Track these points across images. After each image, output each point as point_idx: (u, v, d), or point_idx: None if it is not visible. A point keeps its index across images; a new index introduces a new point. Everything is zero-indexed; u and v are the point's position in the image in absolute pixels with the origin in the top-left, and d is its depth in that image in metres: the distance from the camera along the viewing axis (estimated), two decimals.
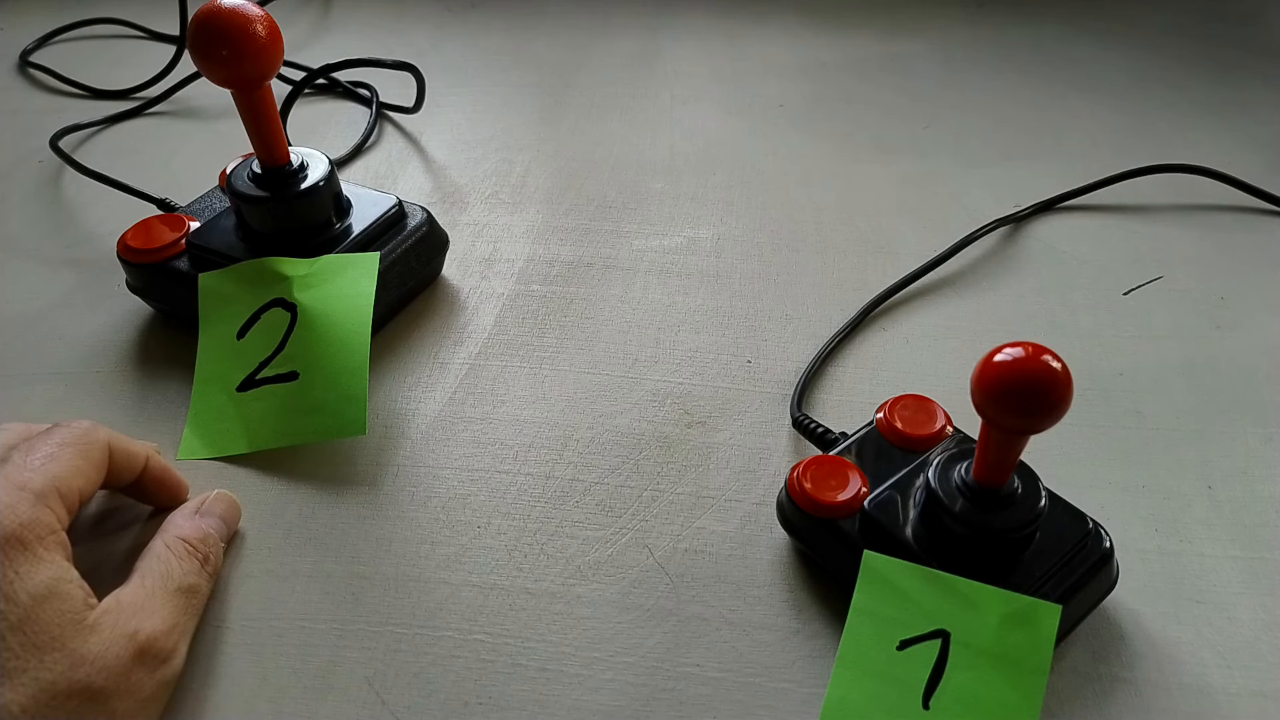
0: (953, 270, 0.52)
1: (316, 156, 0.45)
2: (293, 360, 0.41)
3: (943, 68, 0.73)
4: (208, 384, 0.42)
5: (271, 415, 0.41)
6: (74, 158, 0.58)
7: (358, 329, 0.41)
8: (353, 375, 0.40)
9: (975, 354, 0.31)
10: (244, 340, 0.42)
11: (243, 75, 0.39)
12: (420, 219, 0.48)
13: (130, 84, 0.68)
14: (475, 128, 0.66)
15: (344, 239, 0.45)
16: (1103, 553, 0.33)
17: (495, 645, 0.34)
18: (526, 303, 0.50)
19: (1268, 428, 0.42)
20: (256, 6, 0.39)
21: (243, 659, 0.33)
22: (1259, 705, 0.32)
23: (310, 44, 0.78)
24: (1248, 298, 0.50)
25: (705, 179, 0.60)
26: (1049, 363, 0.27)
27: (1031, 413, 0.28)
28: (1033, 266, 0.52)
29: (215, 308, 0.42)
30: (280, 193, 0.43)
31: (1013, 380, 0.27)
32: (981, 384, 0.28)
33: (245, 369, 0.41)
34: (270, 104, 0.41)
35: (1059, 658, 0.33)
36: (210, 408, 0.41)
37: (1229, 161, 0.59)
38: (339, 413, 0.40)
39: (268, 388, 0.41)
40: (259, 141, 0.43)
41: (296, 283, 0.42)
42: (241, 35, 0.38)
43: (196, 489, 0.39)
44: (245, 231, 0.45)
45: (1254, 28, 0.79)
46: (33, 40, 0.75)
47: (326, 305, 0.41)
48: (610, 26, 0.80)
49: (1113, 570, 0.34)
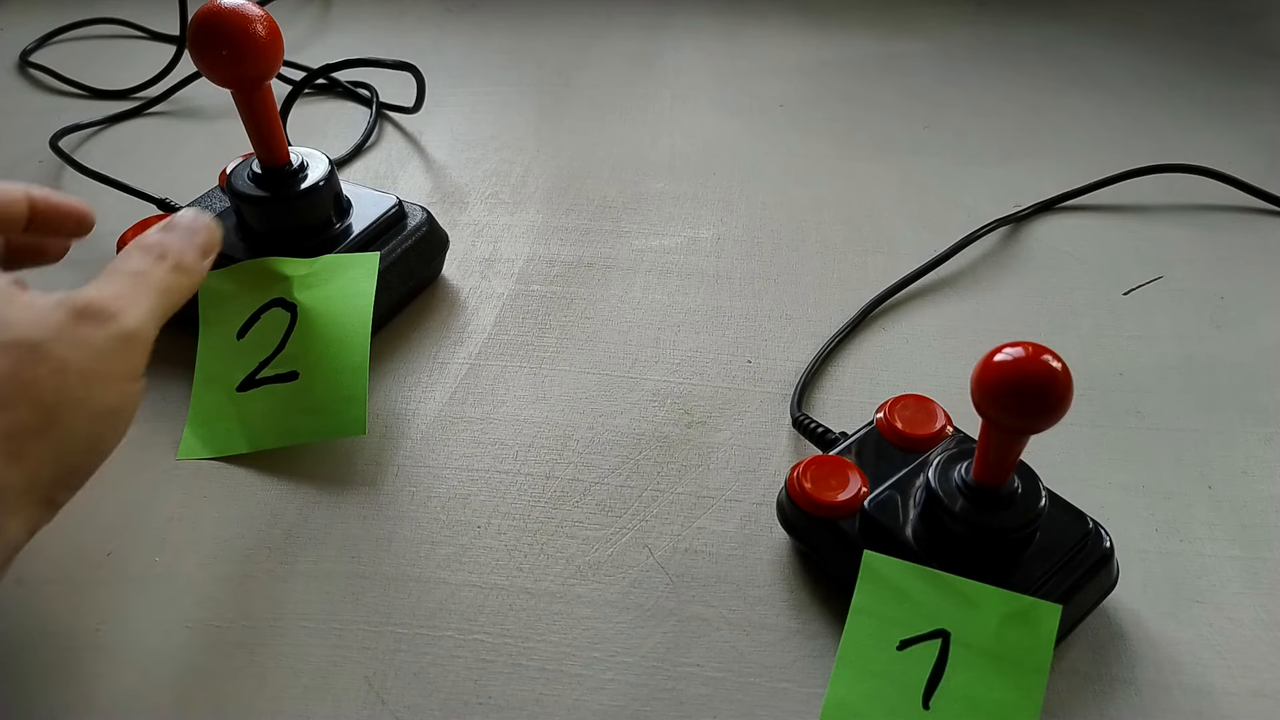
0: (953, 270, 0.52)
1: (316, 156, 0.45)
2: (293, 360, 0.41)
3: (943, 67, 0.73)
4: (207, 384, 0.41)
5: (271, 415, 0.40)
6: (74, 158, 0.58)
7: (358, 329, 0.41)
8: (353, 375, 0.40)
9: (976, 354, 0.31)
10: (244, 340, 0.42)
11: (243, 75, 0.39)
12: (420, 219, 0.48)
13: (130, 84, 0.68)
14: (475, 128, 0.66)
15: (344, 239, 0.45)
16: (1103, 553, 0.33)
17: (495, 645, 0.34)
18: (526, 303, 0.50)
19: (1268, 427, 0.42)
20: (256, 6, 0.39)
21: (242, 659, 0.33)
22: (1259, 705, 0.32)
23: (310, 43, 0.78)
24: (1248, 297, 0.50)
25: (705, 179, 0.60)
26: (1049, 363, 0.27)
27: (1032, 413, 0.28)
28: (1033, 266, 0.52)
29: (215, 308, 0.42)
30: (280, 193, 0.43)
31: (1013, 380, 0.27)
32: (982, 384, 0.28)
33: (245, 369, 0.41)
34: (270, 104, 0.41)
35: (1059, 658, 0.33)
36: (210, 408, 0.41)
37: (1230, 161, 0.59)
38: (339, 413, 0.40)
39: (267, 388, 0.41)
40: (259, 141, 0.43)
41: (296, 282, 0.42)
42: (241, 35, 0.38)
43: (196, 488, 0.39)
44: (245, 231, 0.45)
45: (1257, 27, 0.79)
46: (33, 40, 0.75)
47: (326, 305, 0.41)
48: (610, 26, 0.80)
49: (1113, 570, 0.34)
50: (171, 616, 0.35)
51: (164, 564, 0.37)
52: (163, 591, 0.36)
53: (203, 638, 0.34)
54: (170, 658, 0.33)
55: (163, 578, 0.36)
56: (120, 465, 0.41)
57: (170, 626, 0.34)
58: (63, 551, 0.37)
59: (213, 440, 0.41)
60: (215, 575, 0.36)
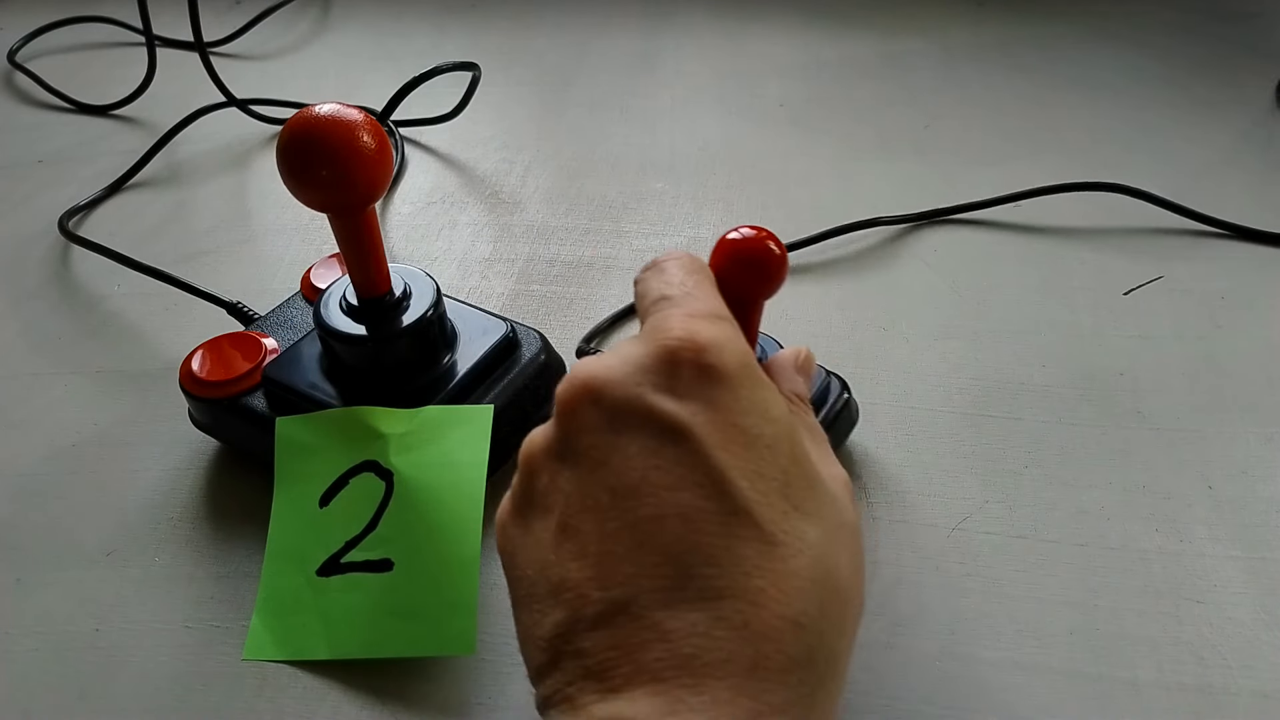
0: (954, 270, 0.52)
1: (419, 278, 0.38)
2: (387, 544, 0.34)
3: (944, 67, 0.73)
4: (281, 560, 0.35)
5: (358, 614, 0.33)
6: (94, 241, 0.52)
7: (468, 509, 0.33)
8: (461, 572, 0.33)
9: (976, 354, 0.31)
10: (327, 509, 0.35)
11: (346, 200, 0.32)
12: (536, 348, 0.40)
13: (116, 87, 0.68)
14: (475, 127, 0.66)
15: (448, 381, 0.37)
16: (840, 395, 0.37)
17: (495, 645, 0.34)
18: (526, 302, 0.50)
19: (1268, 427, 0.42)
20: (357, 111, 0.31)
21: (242, 659, 0.33)
22: (1260, 706, 0.32)
23: (310, 42, 0.78)
24: (1248, 297, 0.50)
25: (705, 179, 0.60)
26: (767, 241, 0.31)
27: (756, 279, 0.31)
28: (1034, 266, 0.52)
29: (294, 462, 0.35)
30: (380, 330, 0.36)
31: (741, 251, 0.31)
32: (716, 253, 0.31)
33: (328, 548, 0.34)
34: (374, 228, 0.34)
35: (1059, 656, 0.33)
36: (284, 592, 0.34)
37: (1230, 160, 0.59)
38: (442, 622, 0.32)
39: (355, 576, 0.34)
40: (358, 270, 0.35)
41: (394, 442, 0.35)
42: (347, 152, 0.31)
43: (196, 489, 0.39)
44: (332, 364, 0.37)
45: (1257, 27, 0.79)
46: (18, 39, 0.75)
47: (430, 475, 0.34)
48: (610, 25, 0.80)
49: (852, 410, 0.37)
50: (171, 616, 0.35)
51: (164, 564, 0.37)
52: (163, 591, 0.36)
53: (203, 638, 0.34)
54: (170, 658, 0.33)
55: (163, 578, 0.36)
56: (121, 465, 0.41)
57: (170, 626, 0.34)
58: (63, 551, 0.37)
59: (287, 638, 0.34)
60: (215, 575, 0.36)
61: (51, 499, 0.39)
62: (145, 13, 0.63)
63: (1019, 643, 0.34)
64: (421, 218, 0.57)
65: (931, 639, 0.34)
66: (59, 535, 0.37)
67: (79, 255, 0.53)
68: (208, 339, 0.40)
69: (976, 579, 0.36)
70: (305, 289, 0.43)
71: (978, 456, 0.41)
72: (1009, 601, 0.35)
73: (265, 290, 0.50)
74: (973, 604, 0.35)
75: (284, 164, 0.31)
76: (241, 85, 0.67)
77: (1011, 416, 0.42)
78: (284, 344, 0.40)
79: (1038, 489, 0.39)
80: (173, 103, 0.68)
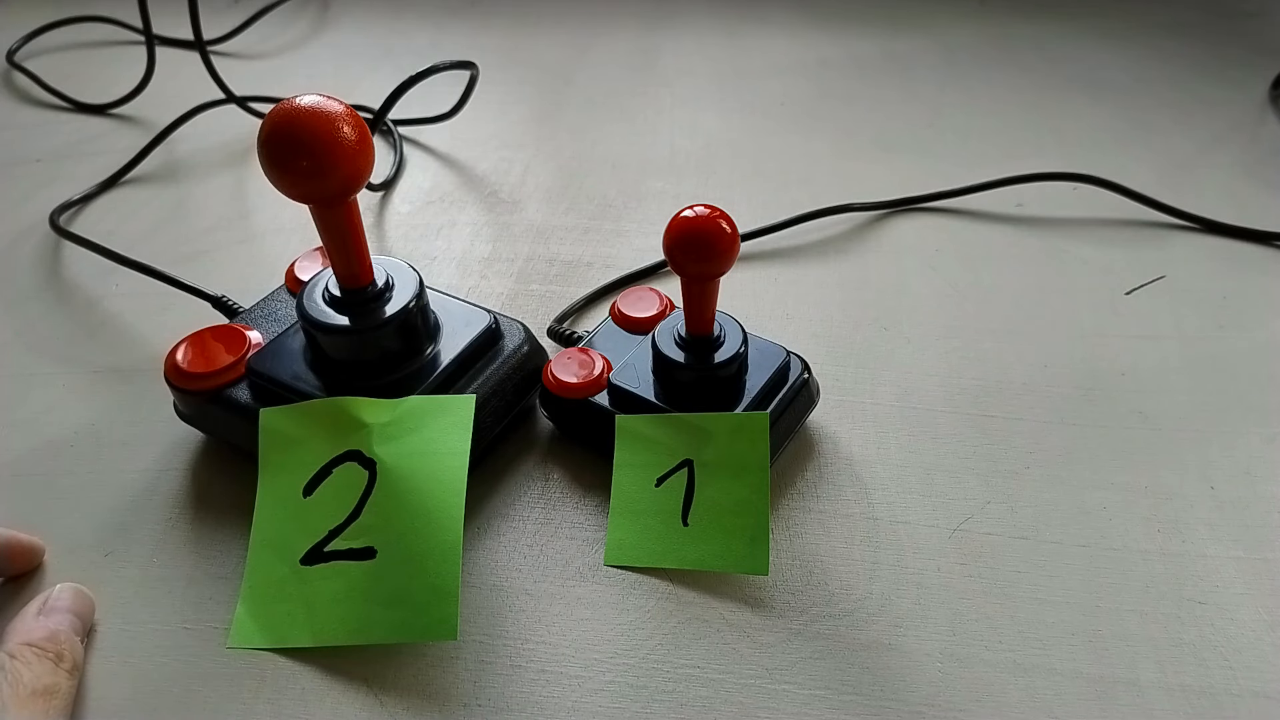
0: (954, 269, 0.52)
1: (402, 269, 0.38)
2: (369, 532, 0.34)
3: (945, 66, 0.73)
4: (266, 550, 0.35)
5: (342, 602, 0.34)
6: (84, 237, 0.52)
7: (450, 497, 0.34)
8: (442, 559, 0.33)
9: (977, 354, 0.31)
10: (311, 499, 0.35)
11: (326, 191, 0.32)
12: (519, 339, 0.41)
13: (114, 86, 0.68)
14: (475, 127, 0.65)
15: (431, 371, 0.37)
16: (800, 374, 0.40)
17: (494, 646, 0.34)
18: (526, 302, 0.50)
19: (1270, 428, 0.42)
20: (338, 103, 0.31)
21: (241, 660, 0.33)
22: (1261, 706, 0.32)
23: (308, 41, 0.78)
24: (1251, 297, 0.50)
25: (705, 178, 0.60)
26: (719, 219, 0.34)
27: (704, 257, 0.34)
28: (1035, 265, 0.52)
29: (278, 453, 0.36)
30: (362, 320, 0.36)
31: (687, 231, 0.34)
32: (667, 235, 0.35)
33: (311, 536, 0.34)
34: (355, 220, 0.35)
35: (1060, 657, 0.33)
36: (269, 581, 0.34)
37: (1229, 159, 0.59)
38: (425, 608, 0.33)
39: (338, 565, 0.34)
40: (340, 261, 0.36)
41: (376, 432, 0.35)
42: (327, 143, 0.31)
43: (196, 489, 0.39)
44: (316, 356, 0.38)
45: (1257, 27, 0.79)
46: (17, 40, 0.75)
47: (412, 464, 0.34)
48: (610, 25, 0.80)
49: (812, 389, 0.41)
50: (171, 616, 0.35)
51: (164, 564, 0.37)
52: (162, 591, 0.36)
53: (203, 638, 0.34)
54: (170, 658, 0.33)
55: (162, 578, 0.36)
56: (119, 465, 0.41)
57: (170, 626, 0.34)
58: (63, 551, 0.37)
59: (272, 625, 0.34)
60: (214, 576, 0.36)
61: (50, 499, 0.39)
62: (145, 10, 0.63)
63: (1021, 644, 0.33)
64: (420, 217, 0.57)
65: (933, 640, 0.34)
66: (58, 536, 0.37)
67: (77, 254, 0.53)
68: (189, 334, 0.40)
69: (978, 580, 0.36)
70: (289, 282, 0.44)
71: (979, 457, 0.41)
72: (1010, 602, 0.35)
73: (265, 287, 0.50)
74: (974, 605, 0.35)
75: (264, 155, 0.31)
76: (240, 83, 0.67)
77: (1013, 416, 0.42)
78: (268, 336, 0.40)
79: (1039, 489, 0.39)
80: (172, 101, 0.67)
